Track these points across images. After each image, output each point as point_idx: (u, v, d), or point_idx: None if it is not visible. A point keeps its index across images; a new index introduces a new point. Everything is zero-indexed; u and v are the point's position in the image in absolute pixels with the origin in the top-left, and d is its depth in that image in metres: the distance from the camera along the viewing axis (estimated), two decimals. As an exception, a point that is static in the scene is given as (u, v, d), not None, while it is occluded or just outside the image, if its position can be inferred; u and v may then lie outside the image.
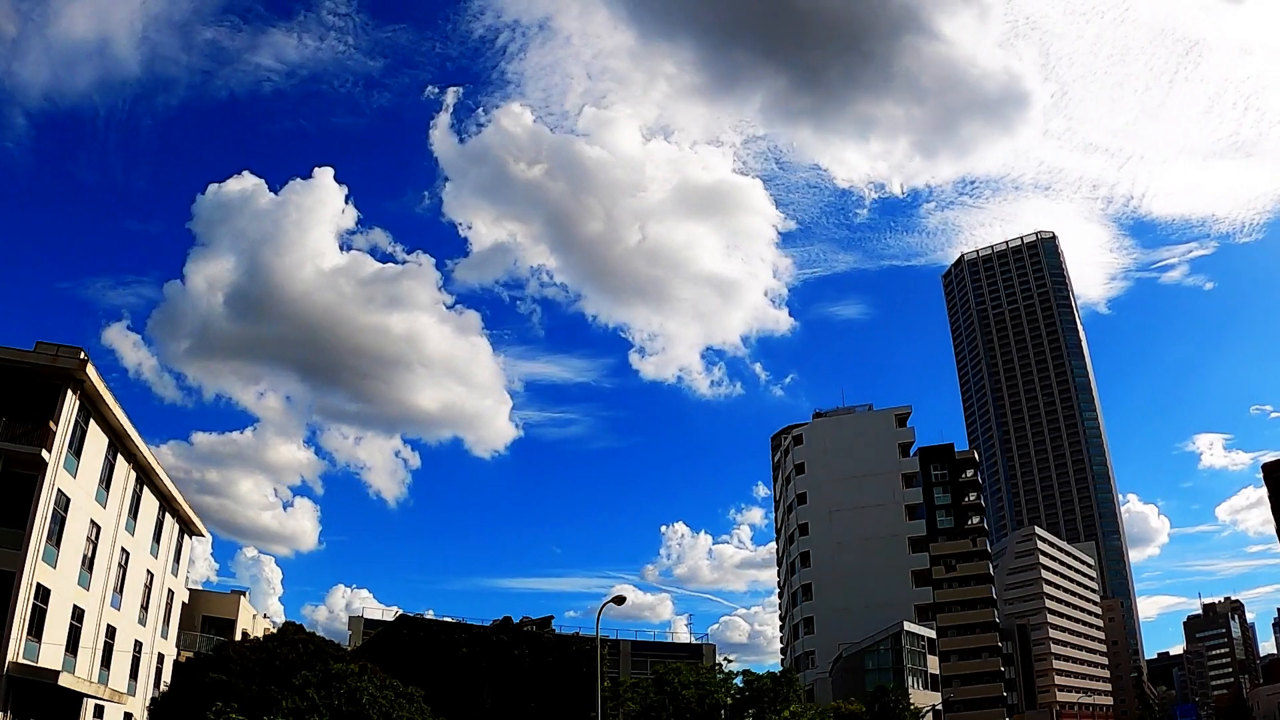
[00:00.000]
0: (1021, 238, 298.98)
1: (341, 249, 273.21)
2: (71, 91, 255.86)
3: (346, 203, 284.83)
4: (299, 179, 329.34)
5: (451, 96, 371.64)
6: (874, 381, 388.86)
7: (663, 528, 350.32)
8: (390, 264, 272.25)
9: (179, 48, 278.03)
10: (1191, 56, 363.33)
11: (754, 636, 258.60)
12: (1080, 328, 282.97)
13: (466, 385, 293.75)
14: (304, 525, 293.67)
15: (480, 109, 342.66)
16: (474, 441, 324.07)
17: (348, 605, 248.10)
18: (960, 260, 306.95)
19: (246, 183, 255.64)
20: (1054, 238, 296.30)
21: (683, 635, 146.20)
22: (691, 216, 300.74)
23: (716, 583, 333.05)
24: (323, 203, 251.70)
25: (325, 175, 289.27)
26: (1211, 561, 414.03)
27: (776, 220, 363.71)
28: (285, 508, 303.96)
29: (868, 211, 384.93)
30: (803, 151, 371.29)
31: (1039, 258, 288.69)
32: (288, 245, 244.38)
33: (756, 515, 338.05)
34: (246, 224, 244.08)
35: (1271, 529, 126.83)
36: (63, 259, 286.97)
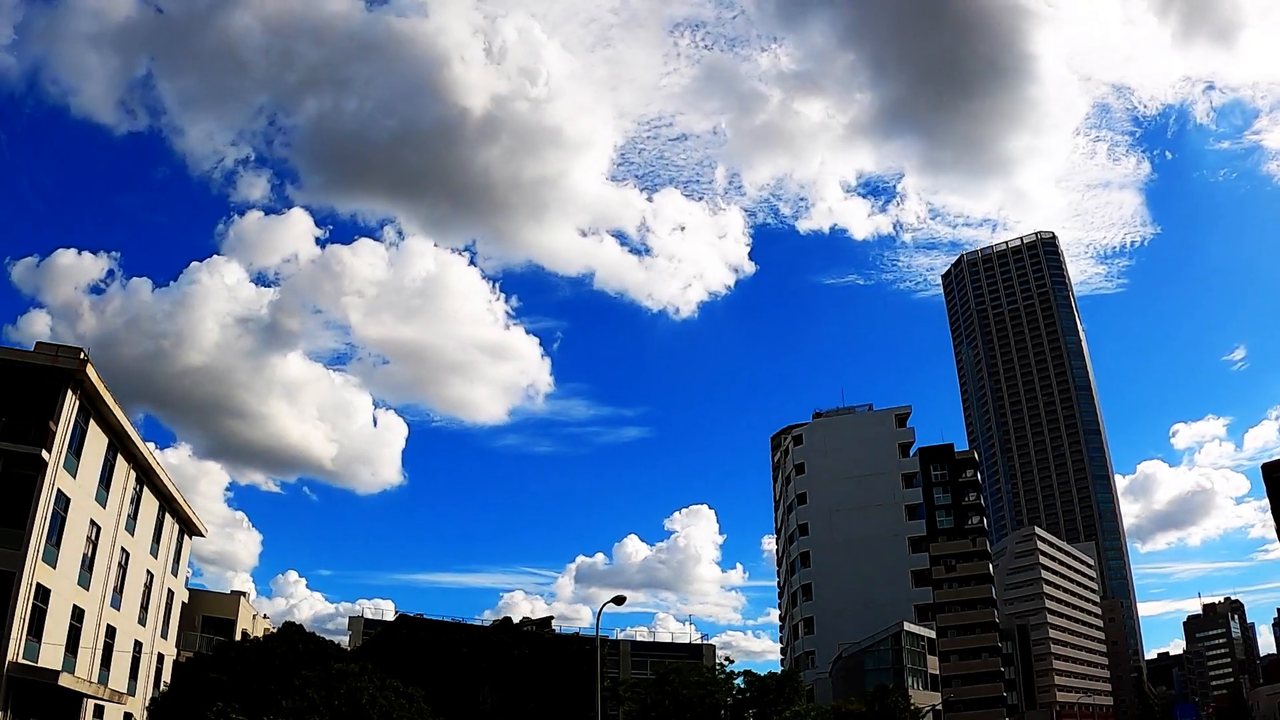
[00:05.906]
0: (1021, 238, 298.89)
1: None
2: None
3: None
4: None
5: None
6: (872, 382, 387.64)
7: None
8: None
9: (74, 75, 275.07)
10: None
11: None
12: (1080, 328, 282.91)
13: (346, 426, 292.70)
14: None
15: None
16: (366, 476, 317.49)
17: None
18: (960, 260, 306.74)
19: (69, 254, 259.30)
20: (1054, 238, 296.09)
21: (681, 637, 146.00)
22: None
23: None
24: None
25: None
26: (1211, 561, 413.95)
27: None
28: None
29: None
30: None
31: (1039, 258, 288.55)
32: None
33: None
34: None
35: (1271, 529, 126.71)
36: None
